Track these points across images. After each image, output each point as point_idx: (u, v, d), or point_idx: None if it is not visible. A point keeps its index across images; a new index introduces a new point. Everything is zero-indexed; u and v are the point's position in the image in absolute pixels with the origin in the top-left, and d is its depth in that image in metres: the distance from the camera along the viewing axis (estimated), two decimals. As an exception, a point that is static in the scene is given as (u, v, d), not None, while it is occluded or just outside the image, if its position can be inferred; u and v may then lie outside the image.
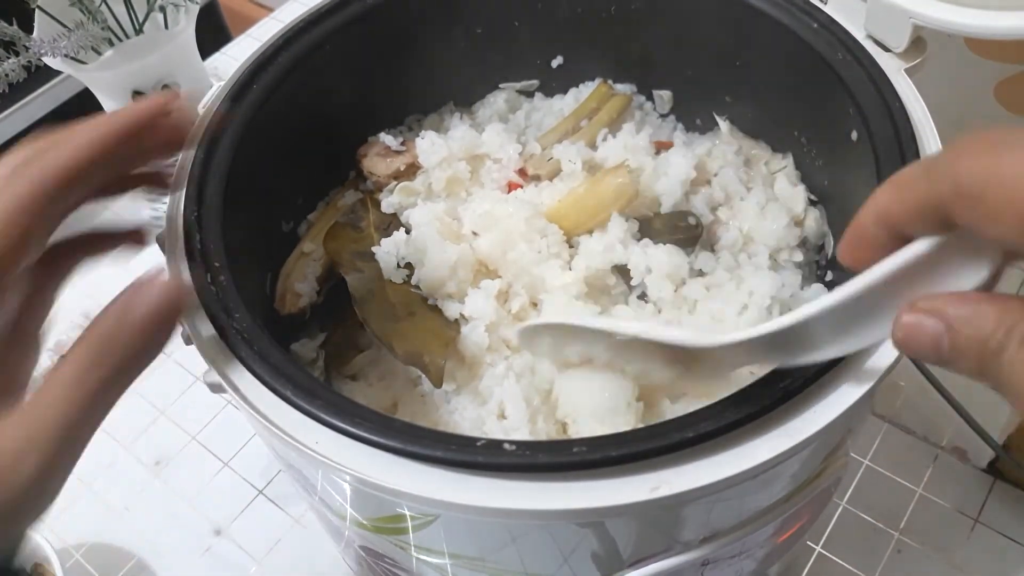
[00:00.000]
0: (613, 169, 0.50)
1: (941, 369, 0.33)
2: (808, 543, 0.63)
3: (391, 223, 0.52)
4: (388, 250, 0.49)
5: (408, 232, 0.50)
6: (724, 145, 0.54)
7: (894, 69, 0.45)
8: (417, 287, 0.48)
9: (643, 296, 0.49)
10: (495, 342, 0.46)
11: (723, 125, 0.55)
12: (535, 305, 0.48)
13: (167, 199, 0.43)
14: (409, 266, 0.49)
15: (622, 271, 0.49)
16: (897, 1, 0.44)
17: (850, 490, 0.65)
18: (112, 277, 0.88)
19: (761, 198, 0.51)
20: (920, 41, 0.46)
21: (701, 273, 0.50)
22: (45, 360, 0.83)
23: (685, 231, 0.50)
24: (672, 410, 0.44)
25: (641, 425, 0.41)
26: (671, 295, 0.48)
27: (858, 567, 0.62)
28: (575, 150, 0.53)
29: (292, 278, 0.50)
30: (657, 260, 0.48)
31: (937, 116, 0.42)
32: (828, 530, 0.64)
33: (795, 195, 0.51)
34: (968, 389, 0.61)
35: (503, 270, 0.48)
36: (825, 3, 0.47)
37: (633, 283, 0.49)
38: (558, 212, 0.50)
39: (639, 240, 0.50)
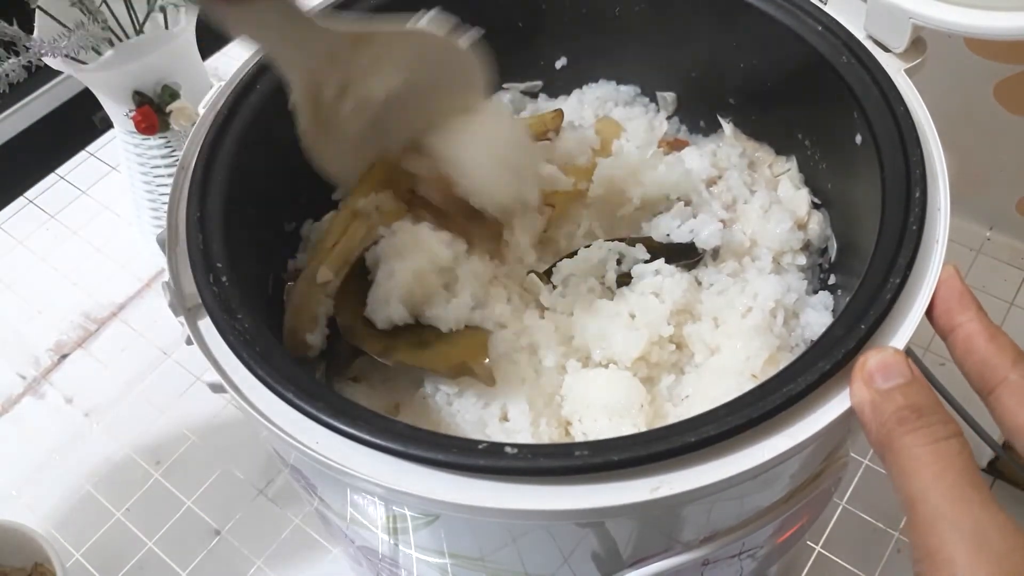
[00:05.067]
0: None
1: (941, 368, 0.33)
2: (808, 543, 0.63)
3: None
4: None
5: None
6: (728, 148, 0.54)
7: (894, 69, 0.45)
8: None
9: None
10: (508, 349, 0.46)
11: (727, 127, 0.55)
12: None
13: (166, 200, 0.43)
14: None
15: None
16: (897, 1, 0.44)
17: (850, 490, 0.65)
18: (112, 277, 0.89)
19: (765, 201, 0.51)
20: (920, 41, 0.46)
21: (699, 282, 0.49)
22: (45, 359, 0.83)
23: (687, 257, 0.50)
24: (675, 413, 0.44)
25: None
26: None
27: (858, 567, 0.62)
28: None
29: (302, 322, 0.46)
30: (667, 289, 0.48)
31: (937, 116, 0.42)
32: (828, 530, 0.64)
33: (798, 198, 0.51)
34: (968, 389, 0.61)
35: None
36: (825, 3, 0.47)
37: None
38: None
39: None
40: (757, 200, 0.51)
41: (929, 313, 0.36)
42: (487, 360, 0.44)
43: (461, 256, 0.47)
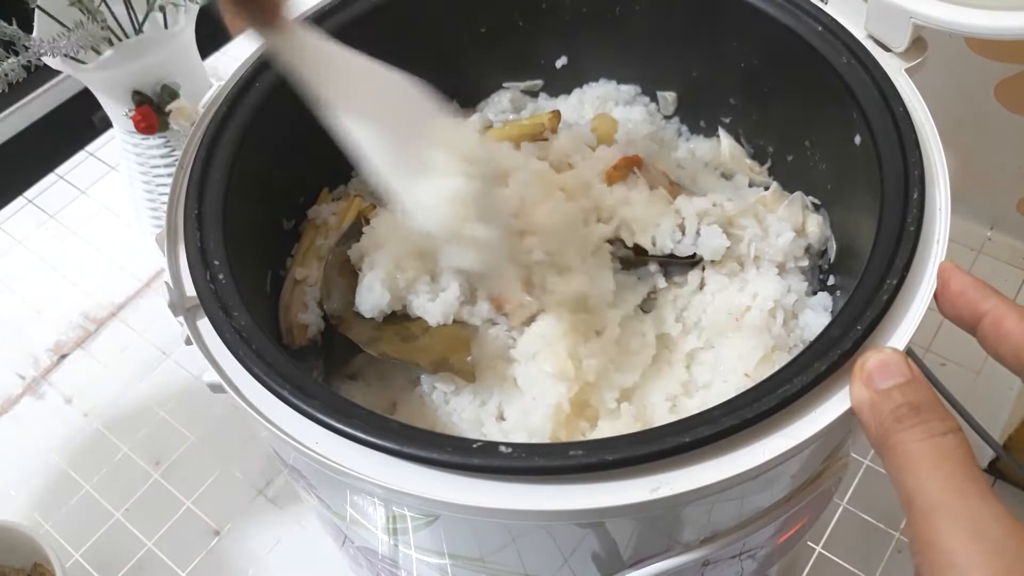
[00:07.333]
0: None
1: (942, 368, 0.33)
2: (808, 543, 0.63)
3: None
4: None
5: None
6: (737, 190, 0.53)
7: (895, 69, 0.44)
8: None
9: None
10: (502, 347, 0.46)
11: (724, 141, 0.55)
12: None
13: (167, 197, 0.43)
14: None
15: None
16: (898, 1, 0.44)
17: (850, 490, 0.65)
18: (111, 277, 0.89)
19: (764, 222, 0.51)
20: (920, 41, 0.46)
21: (701, 286, 0.49)
22: (44, 359, 0.83)
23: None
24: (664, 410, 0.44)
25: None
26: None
27: (858, 567, 0.62)
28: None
29: (293, 311, 0.49)
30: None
31: (937, 116, 0.42)
32: (828, 530, 0.64)
33: (794, 201, 0.51)
34: (968, 389, 0.61)
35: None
36: (826, 3, 0.47)
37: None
38: None
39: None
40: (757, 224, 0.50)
41: (949, 312, 0.35)
42: (469, 357, 0.44)
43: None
